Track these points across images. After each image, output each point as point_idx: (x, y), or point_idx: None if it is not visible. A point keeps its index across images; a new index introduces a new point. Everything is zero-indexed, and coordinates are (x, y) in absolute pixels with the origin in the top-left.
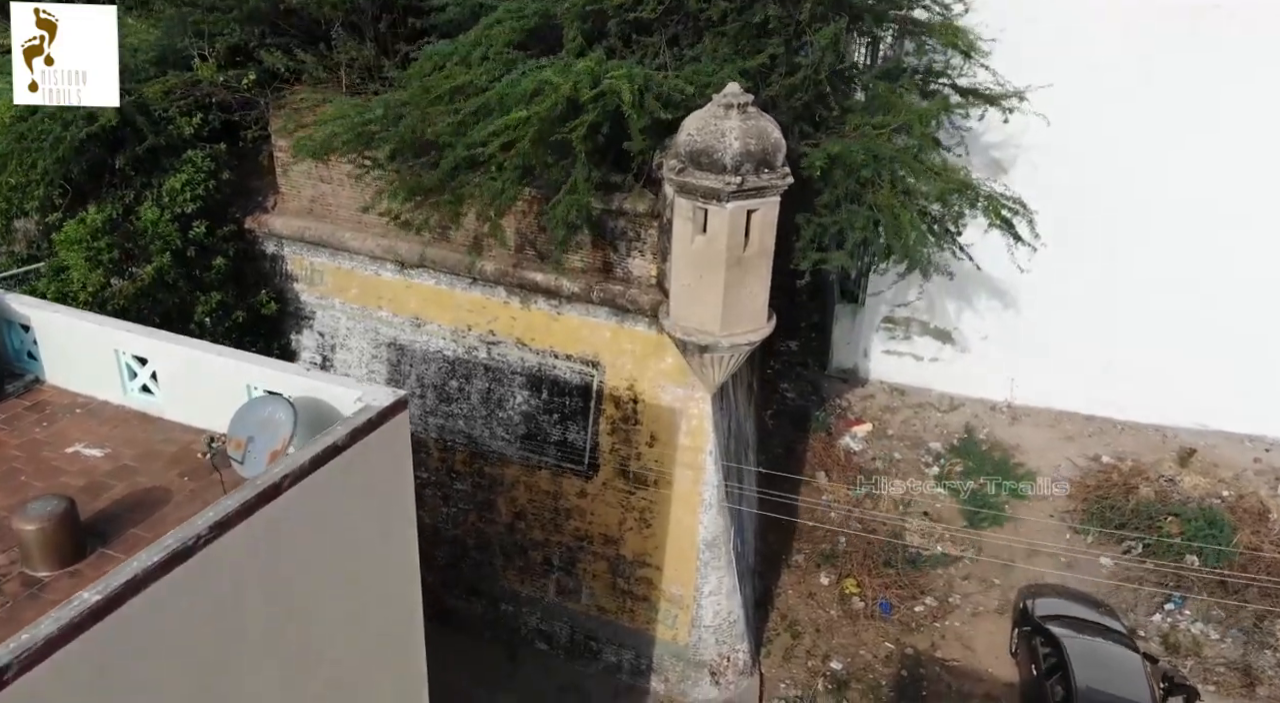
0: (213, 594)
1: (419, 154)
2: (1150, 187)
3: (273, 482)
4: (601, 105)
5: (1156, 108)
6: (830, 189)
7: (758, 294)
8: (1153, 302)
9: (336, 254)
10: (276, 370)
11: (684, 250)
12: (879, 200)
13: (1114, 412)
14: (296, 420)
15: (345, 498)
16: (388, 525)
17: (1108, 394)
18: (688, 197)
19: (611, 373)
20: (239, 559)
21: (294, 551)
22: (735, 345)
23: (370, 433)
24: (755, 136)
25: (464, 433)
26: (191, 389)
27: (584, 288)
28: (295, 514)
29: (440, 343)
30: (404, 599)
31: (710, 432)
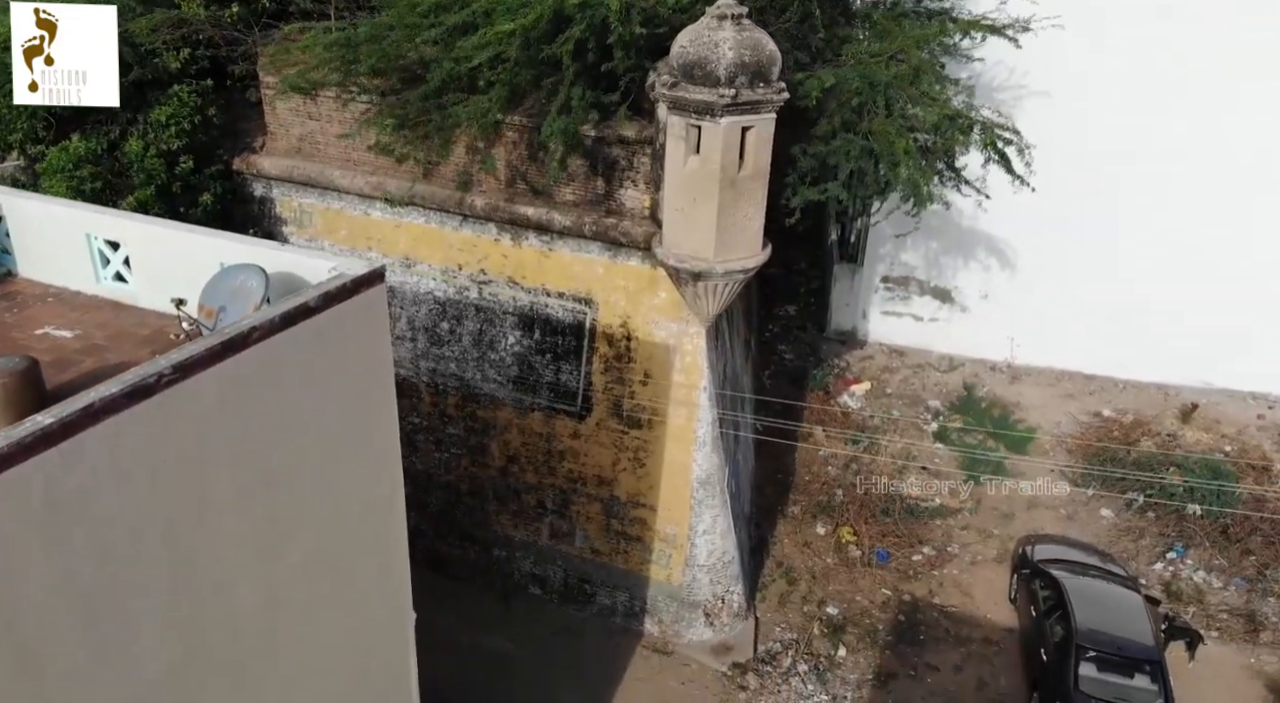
0: (177, 442)
1: (405, 82)
2: (1154, 139)
3: (240, 332)
4: (589, 17)
5: (1169, 55)
6: (826, 119)
7: (753, 219)
8: (1155, 258)
9: (325, 194)
10: (251, 245)
11: (676, 172)
12: (874, 128)
13: (1115, 370)
14: (268, 287)
15: (319, 365)
16: (366, 400)
17: (1109, 352)
18: (680, 113)
19: (604, 310)
20: (205, 409)
21: (265, 412)
22: (730, 272)
23: (344, 300)
24: (750, 47)
25: (456, 376)
26: (166, 271)
27: (576, 221)
28: (265, 374)
29: (431, 284)
30: (385, 479)
31: (704, 368)
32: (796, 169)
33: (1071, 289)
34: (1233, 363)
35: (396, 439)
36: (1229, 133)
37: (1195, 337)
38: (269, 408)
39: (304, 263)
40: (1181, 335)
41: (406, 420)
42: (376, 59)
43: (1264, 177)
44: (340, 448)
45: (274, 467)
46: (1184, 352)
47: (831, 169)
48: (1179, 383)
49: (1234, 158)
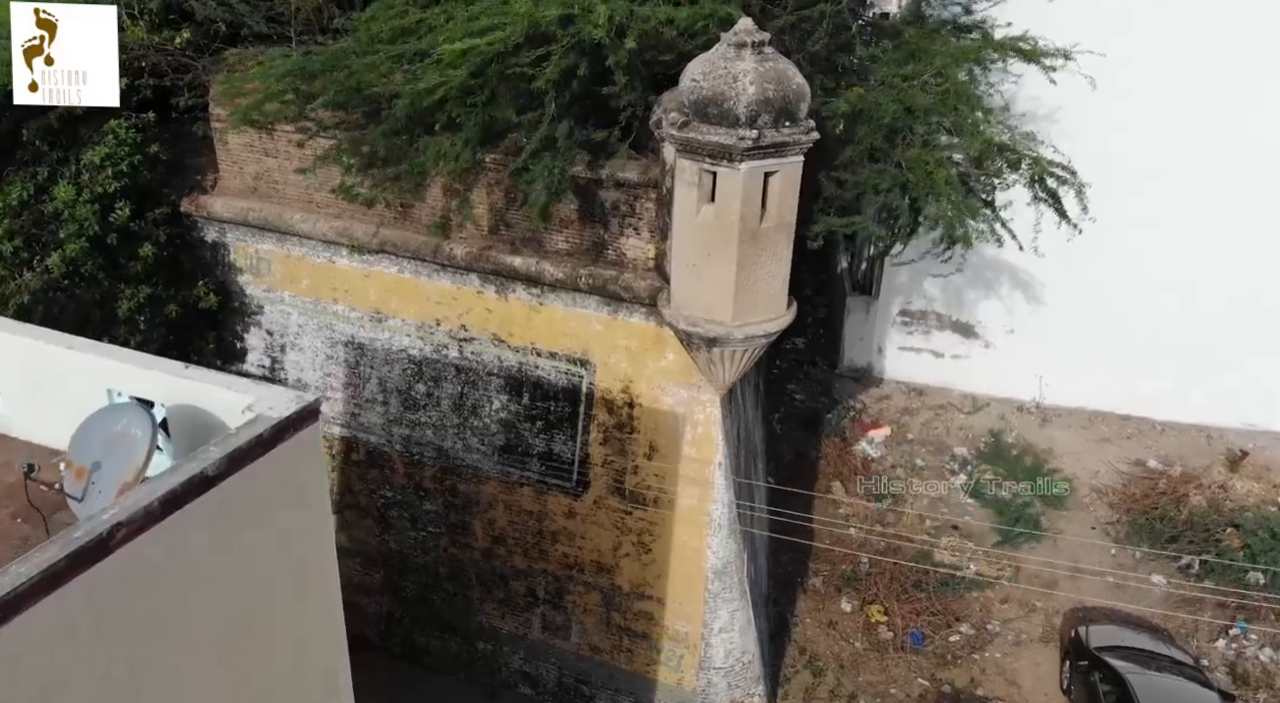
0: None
1: (370, 116)
2: (1196, 164)
3: (96, 535)
4: (573, 35)
5: (1216, 82)
6: (854, 145)
7: (776, 275)
8: (1193, 291)
9: (284, 239)
10: (144, 368)
11: (688, 223)
12: (908, 157)
13: (1152, 411)
14: (154, 438)
15: (224, 546)
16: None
17: (1145, 392)
18: (693, 157)
19: (603, 373)
20: (52, 634)
21: (142, 622)
22: (750, 337)
23: (263, 454)
24: (774, 81)
25: (433, 445)
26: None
27: (569, 273)
28: (141, 576)
29: (405, 340)
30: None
31: (719, 440)
32: (821, 196)
33: (1103, 324)
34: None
35: (339, 615)
36: (1277, 159)
37: (1238, 375)
38: (150, 615)
39: (213, 394)
40: (1223, 374)
41: (378, 494)
42: (335, 90)
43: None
44: (256, 644)
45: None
46: (1226, 391)
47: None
48: (1221, 425)
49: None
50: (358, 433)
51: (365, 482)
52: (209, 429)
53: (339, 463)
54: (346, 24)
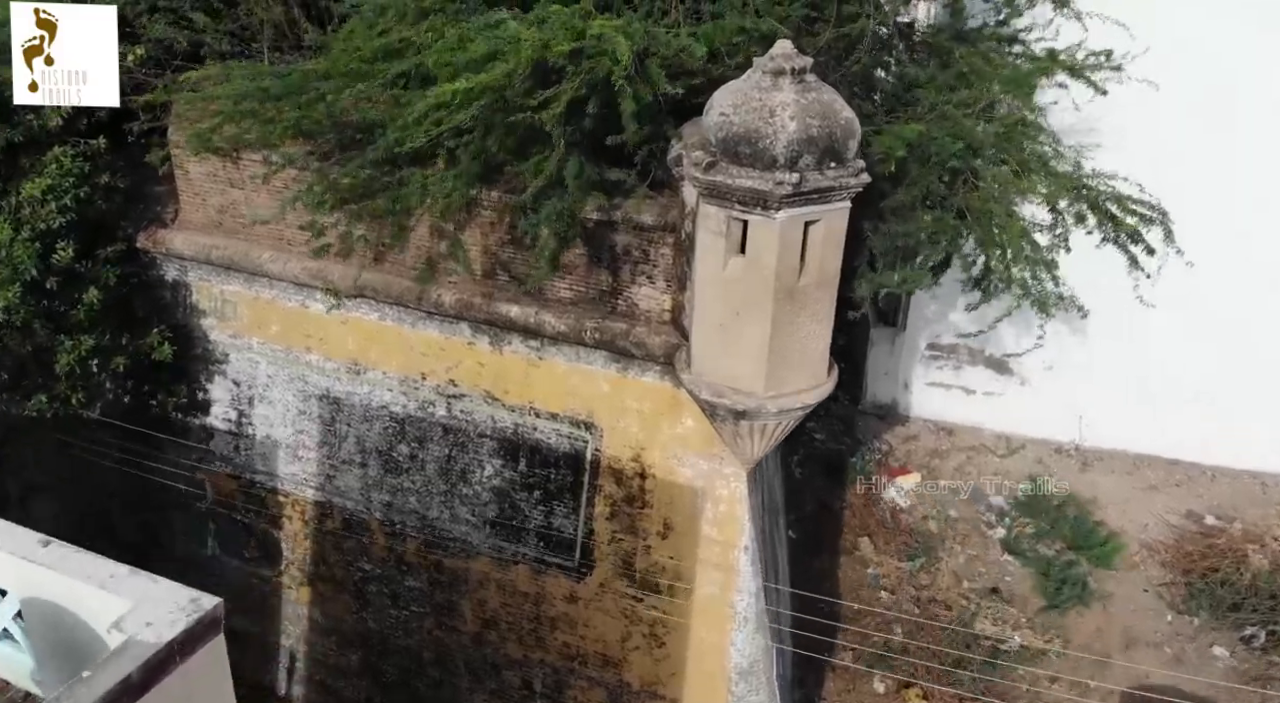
0: None
1: (345, 145)
2: (1245, 187)
3: None
4: (586, 70)
5: (1270, 95)
6: (906, 187)
7: (816, 337)
8: (1246, 324)
9: (252, 280)
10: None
11: (713, 277)
12: (972, 203)
13: (1201, 455)
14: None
15: None
16: None
17: (1194, 435)
18: (720, 203)
19: (611, 438)
20: None
21: None
22: (785, 411)
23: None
24: (819, 116)
25: (417, 514)
26: None
27: (573, 325)
28: None
29: (386, 395)
30: None
31: (745, 521)
32: (866, 248)
33: (1148, 360)
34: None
35: None
36: None
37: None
38: None
39: (80, 594)
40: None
41: (355, 567)
42: (302, 117)
43: None
44: None
45: None
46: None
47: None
48: (1276, 471)
49: None
50: (333, 497)
51: (341, 552)
52: (74, 637)
53: (312, 530)
54: (321, 41)
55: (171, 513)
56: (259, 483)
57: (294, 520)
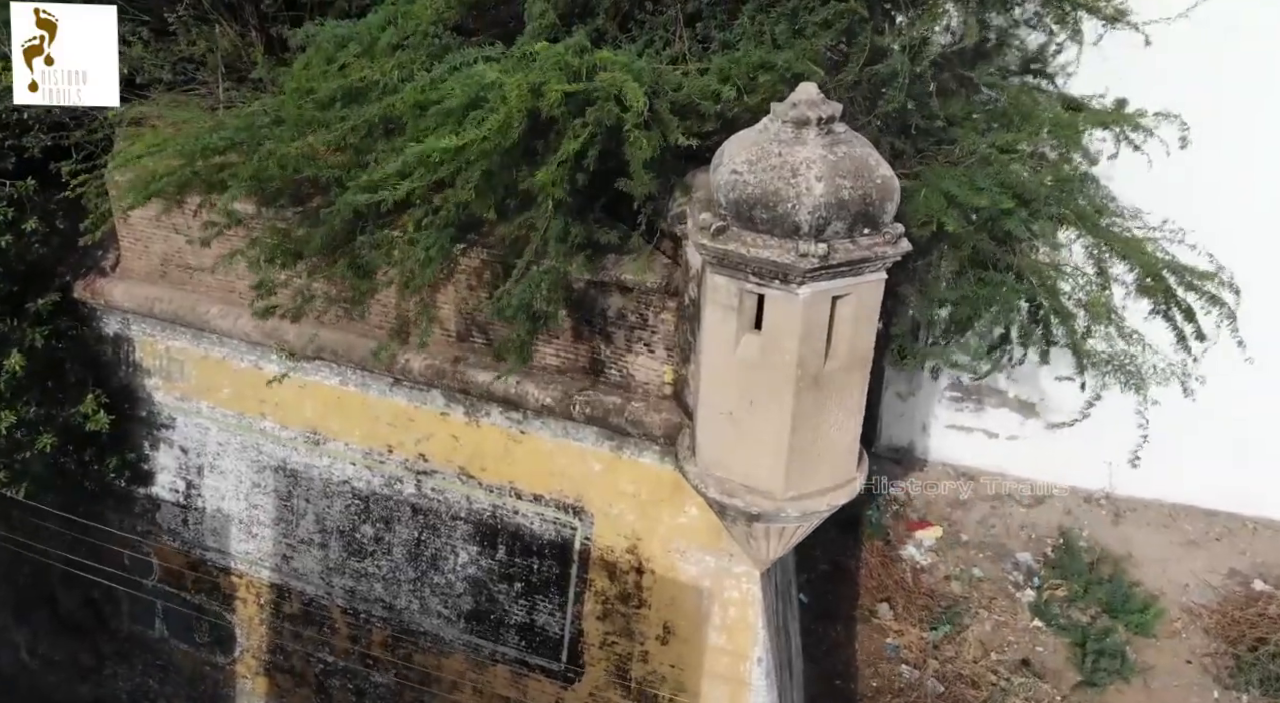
0: None
1: (299, 199)
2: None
3: None
4: (591, 121)
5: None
6: (952, 250)
7: (844, 428)
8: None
9: (200, 337)
10: None
11: (722, 358)
12: (1032, 266)
13: (1241, 505)
14: None
15: None
16: None
17: (1235, 483)
18: (731, 274)
19: (603, 526)
20: None
21: None
22: (808, 514)
23: None
24: (851, 175)
25: (383, 602)
26: None
27: (560, 397)
28: None
29: (348, 469)
30: None
31: (759, 628)
32: (902, 321)
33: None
34: None
35: None
36: None
37: None
38: None
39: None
40: None
41: (316, 658)
42: (251, 175)
43: None
44: None
45: None
46: None
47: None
48: None
49: None
50: (290, 580)
51: (300, 641)
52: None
53: (268, 615)
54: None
55: (117, 590)
56: (210, 561)
57: (249, 603)
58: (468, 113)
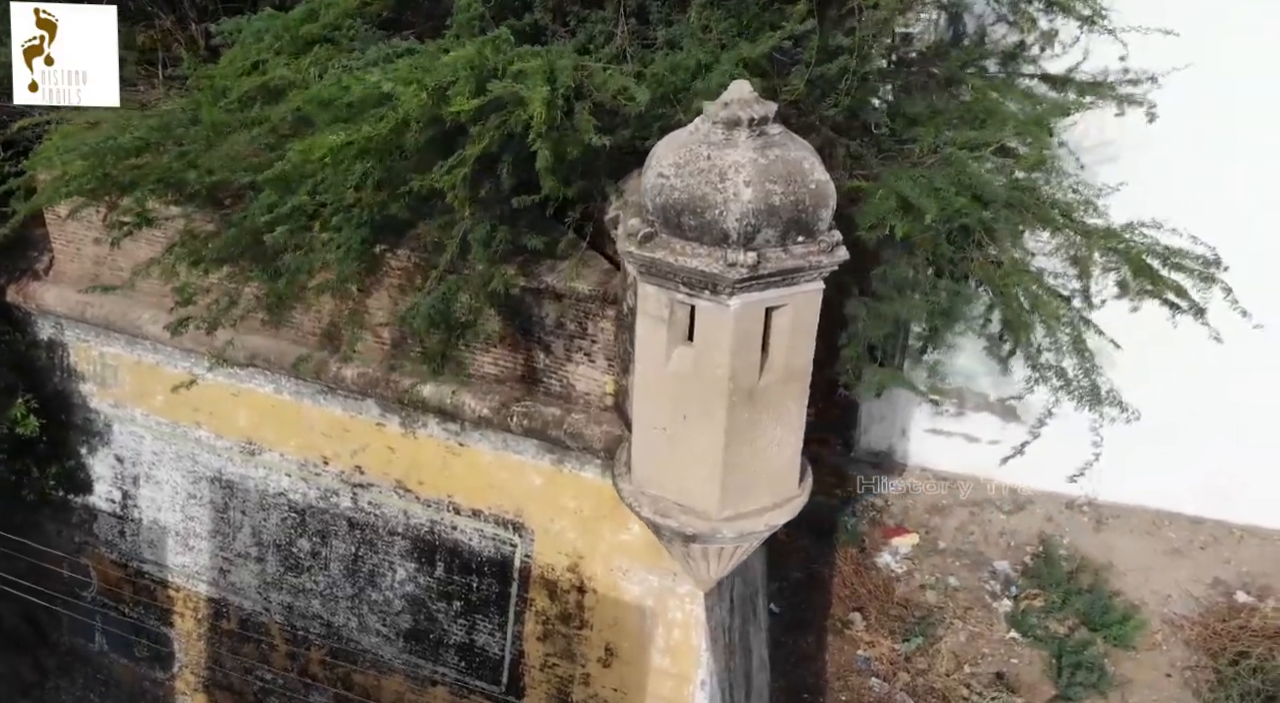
0: None
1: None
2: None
3: None
4: (494, 127)
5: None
6: (904, 254)
7: (783, 444)
8: (1277, 369)
9: (134, 343)
10: None
11: (655, 371)
12: (988, 273)
13: (1228, 512)
14: None
15: None
16: None
17: (1222, 490)
18: (660, 282)
19: (544, 543)
20: None
21: None
22: (746, 534)
23: None
24: (783, 179)
25: (321, 619)
26: None
27: (497, 409)
28: None
29: (284, 481)
30: None
31: (702, 650)
32: (852, 332)
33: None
34: None
35: None
36: None
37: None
38: None
39: None
40: None
41: (254, 675)
42: (159, 177)
43: None
44: None
45: None
46: None
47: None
48: None
49: None
50: (228, 595)
51: (238, 657)
52: None
53: (206, 631)
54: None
55: (57, 604)
56: (147, 574)
57: (186, 618)
58: (365, 111)
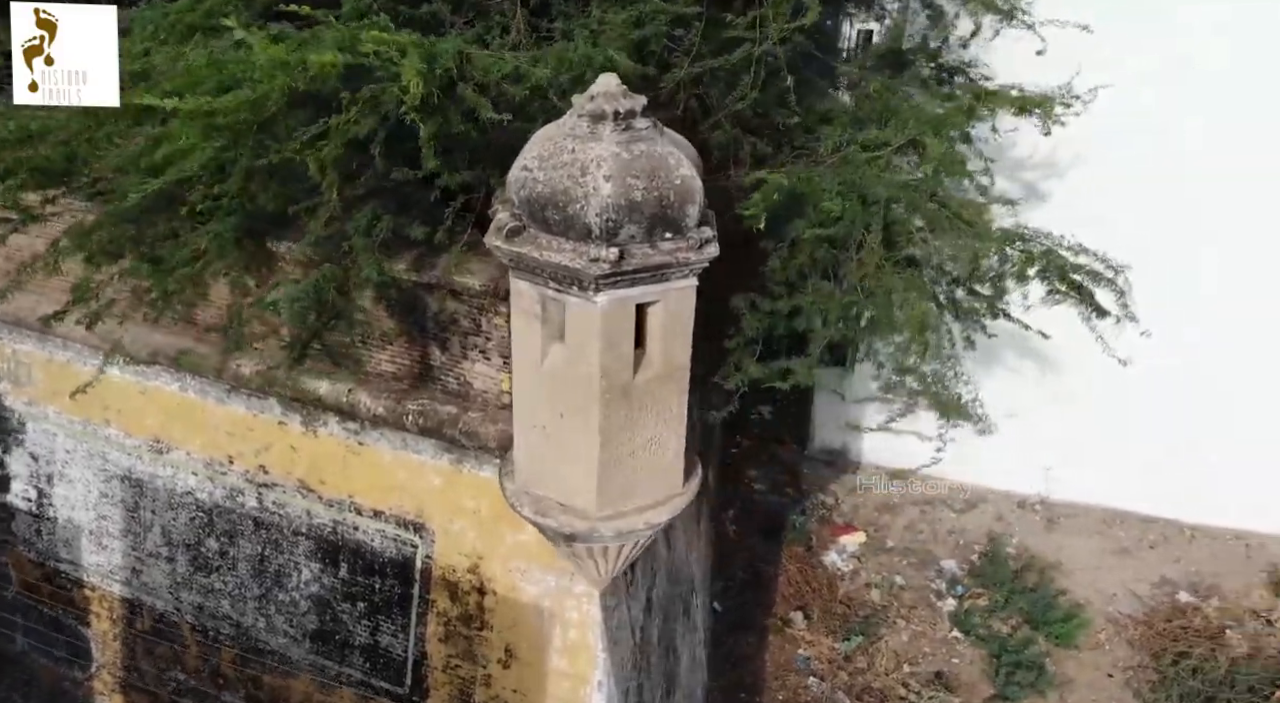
0: None
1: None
2: (1235, 218)
3: None
4: (365, 99)
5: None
6: (792, 254)
7: (663, 443)
8: (1232, 369)
9: (45, 340)
10: None
11: (531, 369)
12: (867, 273)
13: (1180, 512)
14: None
15: None
16: None
17: (1172, 489)
18: (531, 278)
19: (444, 544)
20: None
21: None
22: (625, 533)
23: None
24: (646, 174)
25: (231, 620)
26: None
27: (392, 407)
28: None
29: (191, 480)
30: None
31: (598, 651)
32: (740, 330)
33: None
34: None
35: None
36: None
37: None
38: None
39: None
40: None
41: (169, 676)
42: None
43: None
44: None
45: None
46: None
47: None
48: (1264, 531)
49: None
50: (141, 595)
51: (153, 658)
52: None
53: (121, 631)
54: None
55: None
56: (64, 572)
57: (102, 618)
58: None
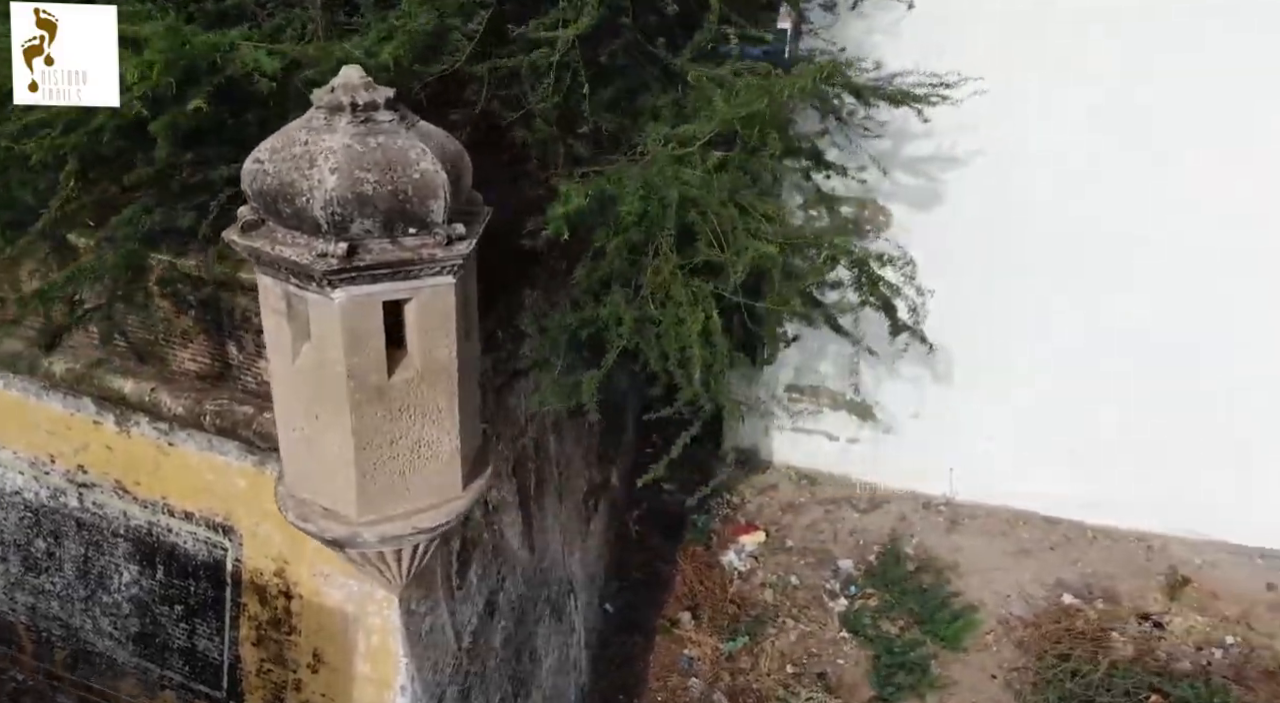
0: None
1: None
2: (1133, 219)
3: None
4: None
5: (1156, 109)
6: (595, 263)
7: (436, 444)
8: (1135, 369)
9: None
10: None
11: (284, 369)
12: (652, 281)
13: (1084, 513)
14: None
15: None
16: None
17: (1075, 490)
18: (273, 274)
19: (251, 547)
20: None
21: None
22: (390, 538)
23: None
24: (378, 168)
25: (60, 621)
26: None
27: (191, 407)
28: None
29: (17, 480)
30: None
31: (400, 656)
32: (530, 351)
33: (1026, 408)
34: (1233, 510)
35: None
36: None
37: (1185, 473)
38: None
39: None
40: (1165, 473)
41: (8, 676)
42: None
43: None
44: None
45: None
46: (1171, 492)
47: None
48: (1164, 532)
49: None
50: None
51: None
52: None
53: None
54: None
55: None
56: None
57: None
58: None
